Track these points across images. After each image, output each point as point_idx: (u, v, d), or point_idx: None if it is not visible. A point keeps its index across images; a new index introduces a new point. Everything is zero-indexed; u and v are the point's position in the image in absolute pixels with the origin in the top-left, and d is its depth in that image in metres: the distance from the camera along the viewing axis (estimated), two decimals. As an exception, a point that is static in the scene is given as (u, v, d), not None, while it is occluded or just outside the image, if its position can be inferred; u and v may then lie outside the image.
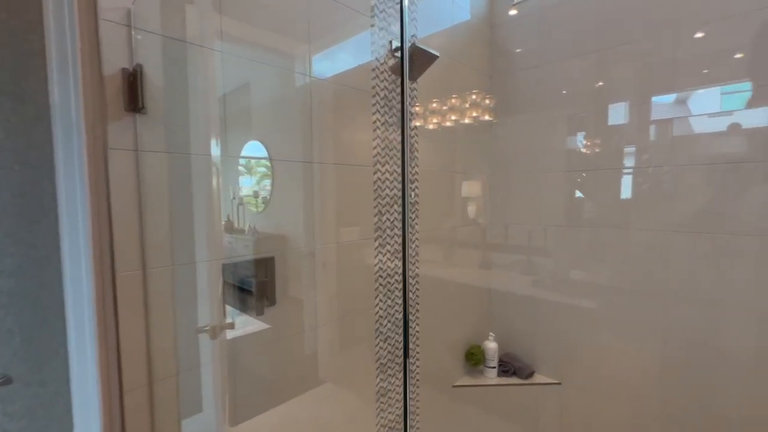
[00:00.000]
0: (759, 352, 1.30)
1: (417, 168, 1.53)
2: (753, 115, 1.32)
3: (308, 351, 1.16)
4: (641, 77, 1.53)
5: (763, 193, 1.29)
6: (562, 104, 1.77)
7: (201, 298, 0.91)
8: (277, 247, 1.06)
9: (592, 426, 1.69)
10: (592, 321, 1.68)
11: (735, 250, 1.34)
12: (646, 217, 1.53)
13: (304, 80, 1.12)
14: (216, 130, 0.91)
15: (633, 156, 1.58)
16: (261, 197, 1.07)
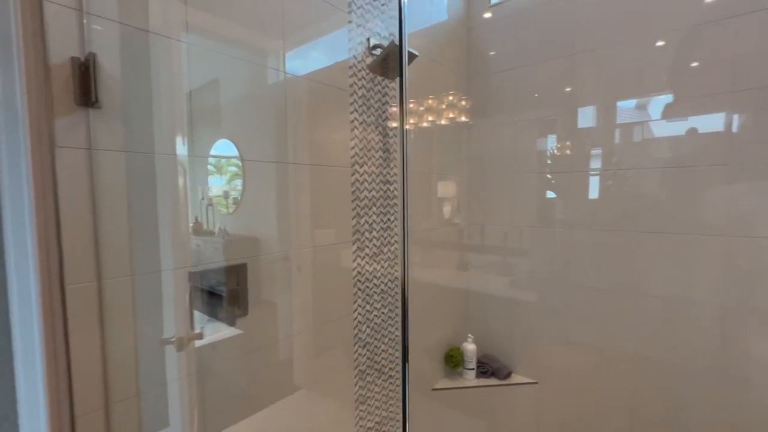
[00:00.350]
0: (721, 343, 1.35)
1: (396, 169, 1.50)
2: (709, 120, 1.38)
3: (283, 358, 1.10)
4: (607, 82, 1.57)
5: (720, 194, 1.34)
6: (535, 107, 1.79)
7: (166, 309, 0.84)
8: (250, 251, 1.00)
9: (567, 423, 1.72)
10: (566, 320, 1.70)
11: (696, 249, 1.39)
12: (613, 217, 1.57)
13: (278, 77, 1.06)
14: (182, 128, 0.85)
15: (600, 158, 1.62)
16: (231, 198, 1.01)
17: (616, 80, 1.55)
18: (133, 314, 0.76)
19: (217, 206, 0.97)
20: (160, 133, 0.81)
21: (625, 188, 1.55)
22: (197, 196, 0.93)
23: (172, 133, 0.84)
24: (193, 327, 0.88)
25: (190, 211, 0.89)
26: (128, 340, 0.77)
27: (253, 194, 1.01)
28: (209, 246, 0.96)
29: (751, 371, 1.31)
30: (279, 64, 1.06)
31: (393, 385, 1.53)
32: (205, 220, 0.95)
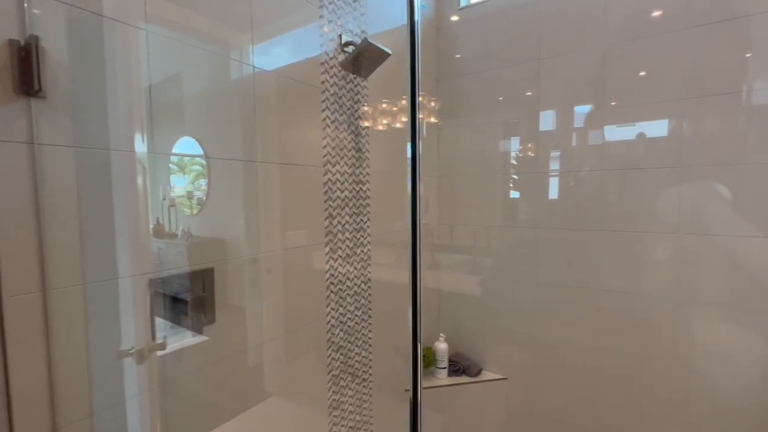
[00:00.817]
0: (676, 335, 1.44)
1: (368, 169, 1.48)
2: (655, 125, 1.47)
3: (253, 365, 1.04)
4: (565, 88, 1.64)
5: (669, 194, 1.44)
6: (501, 110, 1.83)
7: (125, 318, 0.77)
8: (216, 254, 0.94)
9: (535, 415, 1.77)
10: (532, 316, 1.76)
11: (650, 246, 1.47)
12: (572, 216, 1.64)
13: (244, 71, 1.01)
14: (141, 123, 0.78)
15: (558, 160, 1.69)
16: (196, 198, 0.95)
17: (573, 86, 1.62)
18: (85, 326, 0.69)
19: (180, 207, 0.90)
20: (116, 128, 0.74)
21: (583, 189, 1.63)
22: (158, 197, 0.86)
23: (129, 128, 0.77)
24: (155, 337, 0.81)
25: (151, 212, 0.82)
26: (79, 356, 0.70)
27: (218, 194, 0.96)
28: (172, 249, 0.90)
29: (698, 359, 1.41)
30: (246, 58, 1.01)
31: (366, 389, 1.50)
32: (167, 222, 0.88)
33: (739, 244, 1.32)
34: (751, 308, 1.31)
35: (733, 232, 1.33)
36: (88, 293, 0.70)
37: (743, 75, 1.32)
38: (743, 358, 1.34)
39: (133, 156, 0.75)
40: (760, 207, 1.29)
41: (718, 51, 1.34)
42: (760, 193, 1.29)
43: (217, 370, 0.95)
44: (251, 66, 1.02)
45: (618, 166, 1.54)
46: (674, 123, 1.43)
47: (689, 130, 1.40)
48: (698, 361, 1.41)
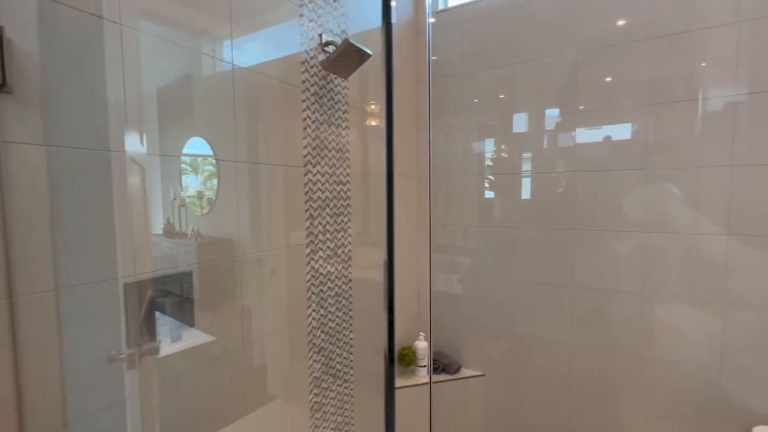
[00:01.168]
0: (641, 328, 1.53)
1: (349, 169, 1.48)
2: (620, 129, 1.55)
3: (236, 369, 1.02)
4: (537, 91, 1.70)
5: (636, 194, 1.52)
6: (477, 112, 1.88)
7: (111, 322, 0.74)
8: (205, 256, 0.91)
9: (511, 409, 1.82)
10: (509, 314, 1.81)
11: (618, 244, 1.55)
12: (544, 216, 1.70)
13: (222, 67, 0.99)
14: (114, 120, 0.74)
15: (530, 161, 1.75)
16: (206, 198, 0.93)
17: (545, 90, 1.68)
18: (59, 333, 0.66)
19: (190, 206, 0.88)
20: (93, 126, 0.70)
21: (554, 189, 1.69)
22: (169, 197, 0.83)
23: (102, 126, 0.73)
24: (146, 339, 0.78)
25: (144, 212, 0.79)
26: (52, 364, 0.66)
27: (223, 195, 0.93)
28: (157, 252, 0.86)
29: (661, 349, 1.49)
30: (226, 55, 0.99)
31: (348, 389, 1.50)
32: (176, 221, 0.85)
33: (698, 241, 1.42)
34: (710, 300, 1.41)
35: (693, 230, 1.43)
36: (72, 297, 0.66)
37: (699, 84, 1.41)
38: (701, 346, 1.43)
39: (108, 155, 0.72)
40: (715, 206, 1.39)
41: (678, 61, 1.43)
42: (715, 193, 1.39)
43: (199, 376, 0.92)
44: (231, 63, 1.00)
45: (587, 168, 1.61)
46: (637, 127, 1.52)
47: (651, 134, 1.49)
48: (662, 350, 1.50)
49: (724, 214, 1.38)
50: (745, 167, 1.34)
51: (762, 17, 1.30)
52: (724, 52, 1.36)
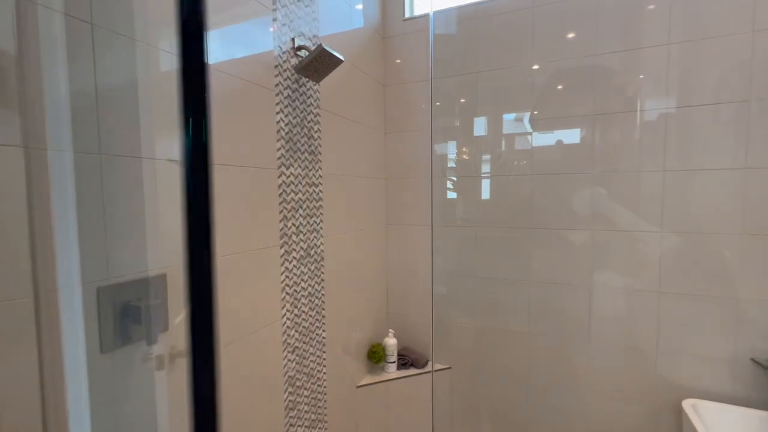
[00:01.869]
0: (591, 316, 1.68)
1: (321, 171, 1.50)
2: (571, 134, 1.71)
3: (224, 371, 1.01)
4: (497, 97, 1.82)
5: (583, 196, 1.67)
6: (440, 115, 1.96)
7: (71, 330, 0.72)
8: (171, 259, 0.91)
9: (476, 399, 1.93)
10: (472, 308, 1.91)
11: (570, 241, 1.70)
12: (502, 215, 1.82)
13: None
14: (93, 123, 0.73)
15: (489, 163, 1.87)
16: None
17: (505, 97, 1.80)
18: (39, 340, 0.64)
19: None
20: (67, 128, 0.69)
21: (511, 190, 1.82)
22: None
23: (84, 128, 0.72)
24: (103, 347, 0.76)
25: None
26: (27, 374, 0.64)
27: (169, 196, 0.92)
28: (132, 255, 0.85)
29: (608, 337, 1.66)
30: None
31: (321, 387, 1.53)
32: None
33: (638, 237, 1.59)
34: (648, 290, 1.58)
35: (634, 227, 1.60)
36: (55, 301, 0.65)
37: (638, 96, 1.58)
38: (641, 332, 1.60)
39: (100, 158, 0.70)
40: (652, 207, 1.56)
41: (619, 75, 1.59)
42: (651, 195, 1.56)
43: (173, 380, 0.91)
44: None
45: (541, 170, 1.74)
46: (585, 133, 1.67)
47: (598, 140, 1.65)
48: (608, 336, 1.66)
49: (658, 214, 1.55)
50: (675, 172, 1.52)
51: (686, 41, 1.48)
52: (657, 69, 1.53)
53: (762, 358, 1.43)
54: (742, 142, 1.43)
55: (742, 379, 1.46)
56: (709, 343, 1.50)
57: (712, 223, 1.48)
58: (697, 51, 1.47)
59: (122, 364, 0.80)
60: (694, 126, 1.49)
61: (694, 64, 1.48)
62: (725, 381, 1.49)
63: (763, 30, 1.38)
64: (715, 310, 1.49)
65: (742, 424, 1.40)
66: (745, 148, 1.43)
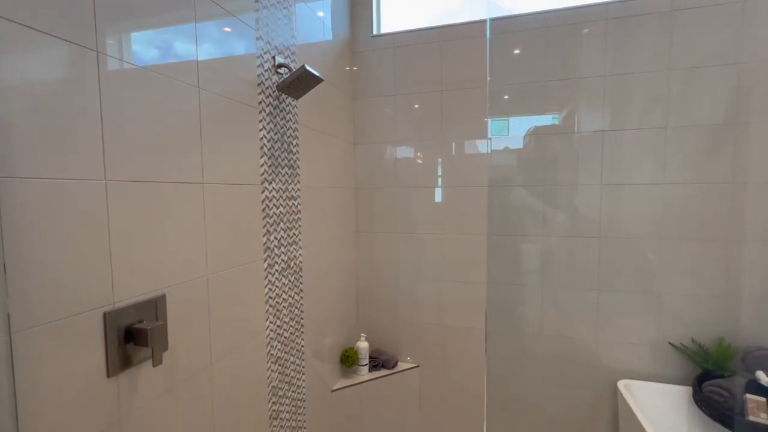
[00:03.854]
0: (539, 313, 1.90)
1: (299, 185, 1.55)
2: (513, 139, 1.92)
3: (201, 391, 1.02)
4: (459, 110, 1.99)
5: (533, 205, 1.88)
6: (403, 129, 2.08)
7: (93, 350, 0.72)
8: (167, 280, 0.92)
9: (443, 393, 2.08)
10: (436, 309, 2.06)
11: (523, 246, 1.91)
12: (453, 222, 2.00)
13: (191, 92, 1.00)
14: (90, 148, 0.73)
15: (442, 175, 2.04)
16: None
17: (466, 110, 1.97)
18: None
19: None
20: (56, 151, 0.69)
21: (458, 197, 2.00)
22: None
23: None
24: (110, 372, 0.77)
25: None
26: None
27: (167, 219, 0.93)
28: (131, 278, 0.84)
29: (554, 329, 1.88)
30: (194, 81, 1.00)
31: (300, 395, 1.57)
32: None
33: (578, 243, 1.82)
34: (590, 288, 1.82)
35: (574, 233, 1.83)
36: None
37: (579, 116, 1.81)
38: (582, 323, 1.84)
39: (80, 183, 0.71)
40: (592, 215, 1.80)
41: (564, 97, 1.82)
42: (591, 204, 1.80)
43: (171, 398, 0.92)
44: (197, 87, 1.01)
45: (486, 182, 1.94)
46: (531, 145, 1.88)
47: (545, 155, 1.86)
48: (553, 329, 1.88)
49: (596, 222, 1.80)
50: (610, 186, 1.77)
51: (618, 74, 1.73)
52: (594, 96, 1.77)
53: (676, 341, 1.72)
54: (660, 162, 1.71)
55: (662, 360, 1.75)
56: (637, 331, 1.77)
57: (638, 229, 1.75)
58: (625, 83, 1.73)
59: (128, 386, 0.81)
60: (624, 146, 1.75)
61: (625, 94, 1.74)
62: (650, 362, 1.76)
63: (676, 69, 1.66)
64: (642, 303, 1.76)
65: (664, 398, 1.67)
66: (663, 168, 1.70)
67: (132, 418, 0.83)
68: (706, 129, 1.65)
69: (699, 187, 1.66)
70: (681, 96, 1.67)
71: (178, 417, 0.96)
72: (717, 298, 1.67)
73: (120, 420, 0.80)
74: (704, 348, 1.66)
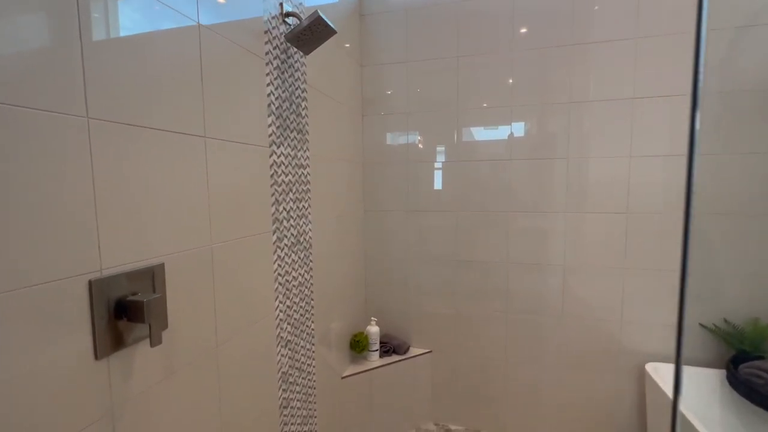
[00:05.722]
0: (562, 293, 1.79)
1: (308, 152, 1.40)
2: (517, 127, 1.80)
3: (205, 374, 0.89)
4: (456, 88, 1.85)
5: (524, 180, 1.76)
6: (415, 99, 1.93)
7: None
8: (165, 247, 0.78)
9: (456, 380, 1.97)
10: (447, 291, 1.94)
11: (542, 223, 1.79)
12: (470, 201, 1.87)
13: (186, 23, 0.85)
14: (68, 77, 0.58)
15: (444, 153, 1.91)
16: None
17: (485, 86, 1.82)
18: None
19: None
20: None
21: (460, 177, 1.87)
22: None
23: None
24: (98, 354, 0.63)
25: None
26: None
27: (164, 174, 0.78)
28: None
29: (576, 312, 1.78)
30: (190, 10, 0.84)
31: (311, 381, 1.45)
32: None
33: (577, 220, 1.71)
34: (614, 267, 1.71)
35: (573, 209, 1.72)
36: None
37: (571, 89, 1.68)
38: (606, 305, 1.74)
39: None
40: (591, 190, 1.69)
41: (558, 69, 1.68)
42: (590, 179, 1.68)
43: (172, 385, 0.79)
44: (196, 23, 0.86)
45: (486, 158, 1.81)
46: (529, 126, 1.76)
47: (537, 132, 1.74)
48: (575, 312, 1.78)
49: (624, 197, 1.68)
50: (638, 158, 1.65)
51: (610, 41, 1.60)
52: (596, 64, 1.64)
53: (708, 322, 1.63)
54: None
55: (692, 342, 1.65)
56: (664, 311, 1.67)
57: (667, 204, 1.64)
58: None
59: (121, 370, 0.67)
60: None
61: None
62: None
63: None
64: (669, 282, 1.66)
65: (694, 380, 1.58)
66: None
67: (127, 408, 0.69)
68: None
69: (737, 159, 1.55)
70: None
71: (180, 408, 0.82)
72: (753, 276, 1.57)
73: (112, 411, 0.66)
74: (738, 329, 1.57)
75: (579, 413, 1.81)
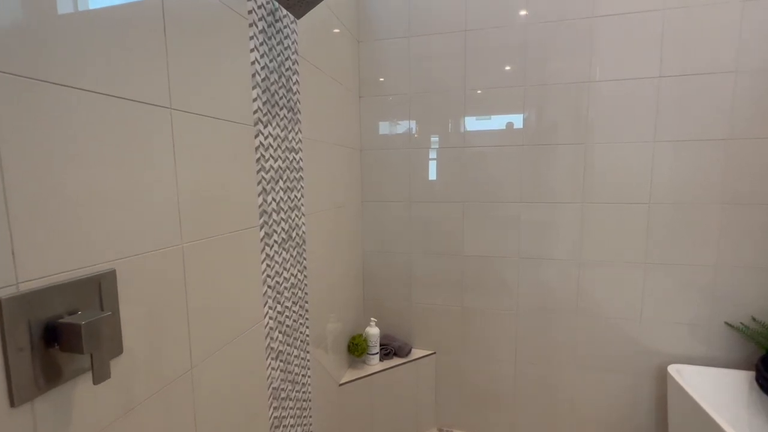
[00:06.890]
0: (576, 289, 1.65)
1: (300, 135, 1.22)
2: (516, 117, 1.65)
3: (180, 401, 0.73)
4: (464, 67, 1.68)
5: (525, 171, 1.62)
6: (417, 78, 1.75)
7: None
8: (113, 250, 0.60)
9: (461, 382, 1.84)
10: (451, 287, 1.80)
11: (556, 216, 1.65)
12: (477, 190, 1.72)
13: None
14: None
15: (438, 142, 1.76)
16: None
17: (497, 59, 1.65)
18: None
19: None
20: None
21: (468, 165, 1.72)
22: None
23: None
24: (13, 400, 0.46)
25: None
26: None
27: (101, 154, 0.60)
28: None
29: (591, 310, 1.65)
30: (146, -54, 0.65)
31: (306, 395, 1.29)
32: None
33: (623, 210, 1.57)
34: (635, 261, 1.58)
35: (590, 200, 1.58)
36: None
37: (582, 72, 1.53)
38: (624, 304, 1.61)
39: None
40: (609, 179, 1.55)
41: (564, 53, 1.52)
42: (608, 166, 1.54)
43: (130, 425, 0.62)
44: (156, -41, 0.67)
45: (491, 143, 1.66)
46: (542, 109, 1.61)
47: (535, 120, 1.59)
48: (591, 310, 1.64)
49: (647, 185, 1.55)
50: (663, 142, 1.51)
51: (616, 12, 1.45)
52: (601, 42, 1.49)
53: (735, 321, 1.51)
54: (727, 117, 1.45)
55: (716, 342, 1.54)
56: (688, 310, 1.55)
57: (691, 193, 1.50)
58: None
59: (53, 417, 0.50)
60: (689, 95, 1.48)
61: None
62: (701, 345, 1.55)
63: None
64: (693, 278, 1.53)
65: (719, 382, 1.47)
66: (730, 126, 1.45)
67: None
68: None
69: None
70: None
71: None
72: (785, 271, 1.45)
73: (41, 472, 0.49)
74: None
75: (593, 417, 1.69)
